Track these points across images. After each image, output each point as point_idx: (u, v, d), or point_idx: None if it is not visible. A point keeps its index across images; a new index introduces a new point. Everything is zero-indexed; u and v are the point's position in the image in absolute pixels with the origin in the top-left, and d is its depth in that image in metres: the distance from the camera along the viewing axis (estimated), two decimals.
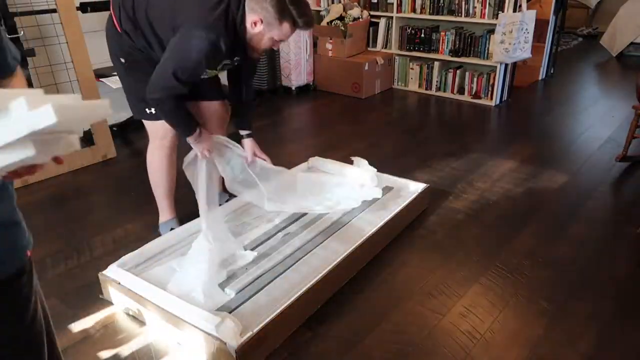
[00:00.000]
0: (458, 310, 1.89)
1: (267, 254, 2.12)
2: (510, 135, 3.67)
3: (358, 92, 4.54)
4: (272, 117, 4.07)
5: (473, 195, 2.75)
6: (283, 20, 1.79)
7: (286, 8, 1.76)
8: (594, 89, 4.77)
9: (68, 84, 3.41)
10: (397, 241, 2.32)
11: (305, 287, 1.80)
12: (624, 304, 1.92)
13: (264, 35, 1.85)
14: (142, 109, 2.09)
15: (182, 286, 1.86)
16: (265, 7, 1.77)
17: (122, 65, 2.07)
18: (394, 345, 1.73)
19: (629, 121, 3.21)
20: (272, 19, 1.78)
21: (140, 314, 1.84)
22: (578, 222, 2.48)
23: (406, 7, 4.52)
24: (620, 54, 5.83)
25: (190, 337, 1.68)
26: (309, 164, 2.91)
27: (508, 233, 2.39)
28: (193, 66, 1.84)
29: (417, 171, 3.03)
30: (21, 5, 3.05)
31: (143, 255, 2.06)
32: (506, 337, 1.76)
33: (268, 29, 1.82)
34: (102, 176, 3.03)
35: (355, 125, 3.89)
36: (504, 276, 2.09)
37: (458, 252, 2.25)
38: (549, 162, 3.15)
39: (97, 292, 1.98)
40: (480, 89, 4.35)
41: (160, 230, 2.34)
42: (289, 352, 1.71)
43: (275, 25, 1.80)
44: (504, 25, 3.95)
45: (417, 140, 3.54)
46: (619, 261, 2.18)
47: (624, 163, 3.08)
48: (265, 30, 1.82)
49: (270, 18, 1.78)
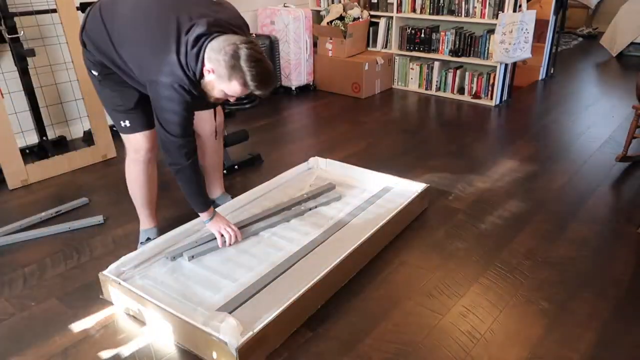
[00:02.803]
0: (458, 310, 1.89)
1: (266, 253, 2.12)
2: (510, 135, 3.67)
3: (358, 92, 4.54)
4: (272, 117, 4.07)
5: (473, 195, 2.75)
6: (232, 77, 1.71)
7: (238, 67, 1.68)
8: (594, 89, 4.77)
9: (68, 84, 3.42)
10: (397, 241, 2.32)
11: (305, 287, 1.80)
12: (624, 304, 1.92)
13: (214, 85, 1.78)
14: (118, 121, 2.05)
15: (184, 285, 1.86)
16: (219, 60, 1.69)
17: (95, 77, 2.02)
18: (394, 345, 1.73)
19: (629, 121, 3.21)
20: (223, 73, 1.71)
21: (140, 314, 1.84)
22: (578, 222, 2.48)
23: (406, 7, 4.52)
24: (620, 54, 5.83)
25: (191, 337, 1.68)
26: (309, 164, 2.92)
27: (508, 233, 2.39)
28: (179, 120, 1.82)
29: (417, 171, 3.03)
30: (21, 5, 3.05)
31: (143, 255, 2.07)
32: (506, 337, 1.76)
33: (218, 81, 1.75)
34: (102, 176, 3.03)
35: (355, 125, 3.89)
36: (504, 276, 2.09)
37: (458, 252, 2.25)
38: (549, 162, 3.15)
39: (97, 292, 1.98)
40: (480, 89, 4.36)
41: (139, 237, 2.32)
42: (289, 352, 1.71)
43: (224, 79, 1.73)
44: (504, 25, 3.95)
45: (417, 140, 3.54)
46: (619, 261, 2.18)
47: (624, 163, 3.08)
48: (215, 80, 1.75)
49: (221, 71, 1.71)
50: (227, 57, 1.68)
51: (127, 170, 2.18)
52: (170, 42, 1.73)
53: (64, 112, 3.49)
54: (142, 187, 2.20)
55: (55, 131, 3.44)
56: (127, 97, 2.01)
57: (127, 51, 1.84)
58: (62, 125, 3.51)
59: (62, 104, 3.45)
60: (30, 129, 3.27)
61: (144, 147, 2.10)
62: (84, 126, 3.57)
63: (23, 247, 2.33)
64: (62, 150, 3.22)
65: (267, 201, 2.56)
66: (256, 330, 1.61)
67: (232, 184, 2.72)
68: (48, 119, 3.36)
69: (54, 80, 3.36)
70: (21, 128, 3.23)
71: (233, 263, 2.07)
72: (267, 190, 2.65)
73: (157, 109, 1.83)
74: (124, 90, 2.00)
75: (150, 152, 2.13)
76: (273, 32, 4.48)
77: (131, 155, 2.14)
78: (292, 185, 2.71)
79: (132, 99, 2.01)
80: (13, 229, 2.42)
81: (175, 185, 2.43)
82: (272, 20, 4.48)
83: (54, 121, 3.43)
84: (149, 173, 2.18)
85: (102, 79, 2.00)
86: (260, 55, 1.73)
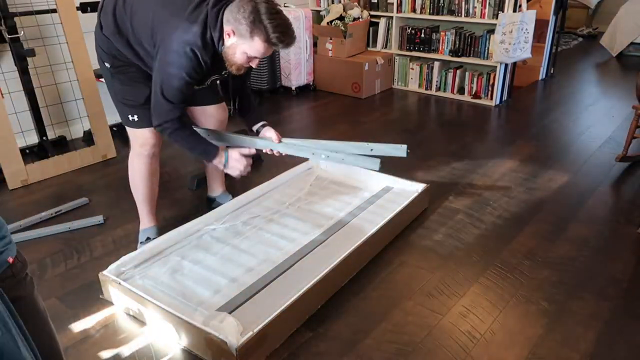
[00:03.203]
0: (458, 310, 1.89)
1: (266, 253, 2.12)
2: (510, 135, 3.67)
3: (358, 92, 4.54)
4: (272, 117, 4.06)
5: (473, 195, 2.75)
6: (254, 33, 1.71)
7: (259, 21, 1.69)
8: (594, 89, 4.77)
9: (68, 84, 3.42)
10: (397, 241, 2.32)
11: (305, 287, 1.80)
12: (624, 304, 1.92)
13: (236, 49, 1.77)
14: (126, 115, 2.06)
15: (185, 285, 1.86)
16: (239, 19, 1.70)
17: (107, 69, 2.04)
18: (394, 345, 1.73)
19: (629, 121, 3.21)
20: (244, 30, 1.71)
21: (141, 314, 1.84)
22: (578, 222, 2.48)
23: (406, 7, 4.52)
24: (620, 54, 5.83)
25: (191, 337, 1.68)
26: (309, 164, 2.92)
27: (508, 233, 2.39)
28: (177, 85, 1.82)
29: (417, 171, 3.03)
30: (21, 5, 3.05)
31: (143, 255, 2.07)
32: (506, 337, 1.76)
33: (240, 41, 1.74)
34: (102, 176, 3.03)
35: (355, 125, 3.89)
36: (504, 276, 2.09)
37: (458, 252, 2.25)
38: (549, 162, 3.15)
39: (97, 292, 1.98)
40: (480, 89, 4.35)
41: (139, 236, 2.32)
42: (289, 352, 1.71)
43: (247, 37, 1.72)
44: (504, 25, 3.95)
45: (417, 140, 3.54)
46: (619, 261, 2.18)
47: (624, 163, 3.08)
48: (237, 42, 1.75)
49: (242, 30, 1.71)
50: (247, 14, 1.69)
51: (131, 163, 2.19)
52: (190, 4, 1.76)
53: (64, 112, 3.49)
54: (144, 181, 2.20)
55: (55, 131, 3.44)
56: (138, 93, 2.02)
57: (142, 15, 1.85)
58: (62, 125, 3.51)
59: (62, 104, 3.45)
60: (30, 129, 3.27)
61: (150, 142, 2.11)
62: (84, 126, 3.57)
63: (23, 247, 2.33)
64: (62, 150, 3.22)
65: (267, 201, 2.56)
66: (256, 330, 1.61)
67: (232, 184, 2.72)
68: (48, 119, 3.36)
69: (54, 80, 3.36)
70: (21, 128, 3.23)
71: (233, 263, 2.07)
72: (267, 190, 2.65)
73: (158, 72, 1.83)
74: (134, 85, 2.01)
75: (155, 147, 2.15)
76: None
77: (136, 149, 2.15)
78: (292, 185, 2.72)
79: (142, 94, 2.02)
80: (13, 229, 2.42)
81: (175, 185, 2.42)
82: None
83: (54, 121, 3.43)
84: (153, 168, 2.19)
85: (114, 72, 2.02)
86: (278, 8, 1.74)
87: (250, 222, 2.37)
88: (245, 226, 2.34)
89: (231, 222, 2.36)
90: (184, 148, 2.02)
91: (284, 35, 1.73)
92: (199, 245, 2.19)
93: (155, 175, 2.23)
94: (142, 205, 2.27)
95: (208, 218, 2.34)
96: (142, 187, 2.22)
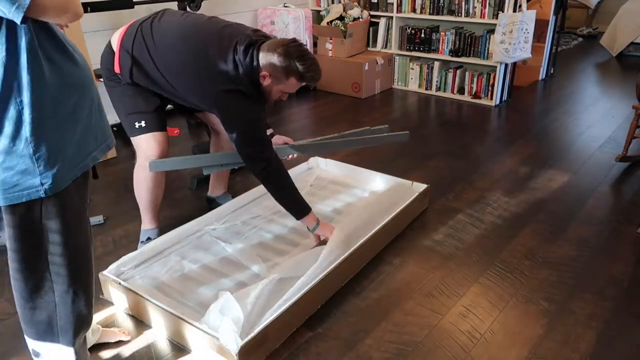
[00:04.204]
0: (458, 310, 1.89)
1: (266, 252, 2.12)
2: (510, 135, 3.67)
3: (358, 92, 4.54)
4: (272, 117, 4.06)
5: (473, 195, 2.75)
6: (290, 75, 1.88)
7: (292, 64, 1.85)
8: (594, 89, 4.77)
9: None
10: (397, 241, 2.32)
11: (306, 287, 1.80)
12: (624, 304, 1.92)
13: (272, 88, 1.94)
14: (133, 123, 2.05)
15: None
16: (274, 65, 1.85)
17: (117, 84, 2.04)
18: (394, 345, 1.73)
19: (629, 121, 3.21)
20: (279, 74, 1.87)
21: (140, 314, 1.84)
22: (578, 222, 2.48)
23: (406, 7, 4.52)
24: (620, 54, 5.83)
25: (191, 337, 1.68)
26: (309, 164, 2.92)
27: (508, 233, 2.39)
28: (253, 125, 1.94)
29: (417, 171, 3.03)
30: None
31: (143, 255, 2.07)
32: (506, 337, 1.76)
33: (276, 82, 1.91)
34: (102, 176, 3.03)
35: (355, 125, 3.87)
36: (504, 276, 2.09)
37: (458, 252, 2.25)
38: (549, 162, 3.15)
39: (97, 292, 1.98)
40: (480, 89, 4.36)
41: (140, 236, 2.31)
42: (289, 352, 1.71)
43: (282, 79, 1.89)
44: (504, 25, 3.95)
45: (417, 140, 3.54)
46: (619, 261, 2.18)
47: (624, 163, 3.08)
48: (273, 83, 1.91)
49: (277, 73, 1.87)
50: (281, 58, 1.84)
51: (136, 173, 2.17)
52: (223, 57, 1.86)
53: None
54: (149, 193, 2.19)
55: None
56: (150, 100, 2.05)
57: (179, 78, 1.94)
58: None
59: None
60: None
61: (155, 153, 2.07)
62: None
63: None
64: None
65: (267, 201, 2.56)
66: (256, 331, 1.61)
67: (232, 184, 2.72)
68: None
69: None
70: None
71: (233, 263, 2.07)
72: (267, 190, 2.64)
73: (228, 124, 1.93)
74: (145, 94, 2.04)
75: (161, 158, 2.11)
76: (273, 32, 4.48)
77: (141, 161, 2.12)
78: None
79: (153, 103, 2.05)
80: None
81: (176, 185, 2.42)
82: (272, 20, 4.48)
83: None
84: (158, 180, 2.18)
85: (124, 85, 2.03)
86: (306, 49, 1.92)
87: (250, 222, 2.37)
88: (245, 226, 2.34)
89: (231, 222, 2.36)
90: (282, 194, 2.06)
91: (315, 73, 1.92)
92: (199, 245, 2.20)
93: (160, 187, 2.21)
94: (145, 211, 2.25)
95: (208, 218, 2.34)
96: (146, 197, 2.20)
